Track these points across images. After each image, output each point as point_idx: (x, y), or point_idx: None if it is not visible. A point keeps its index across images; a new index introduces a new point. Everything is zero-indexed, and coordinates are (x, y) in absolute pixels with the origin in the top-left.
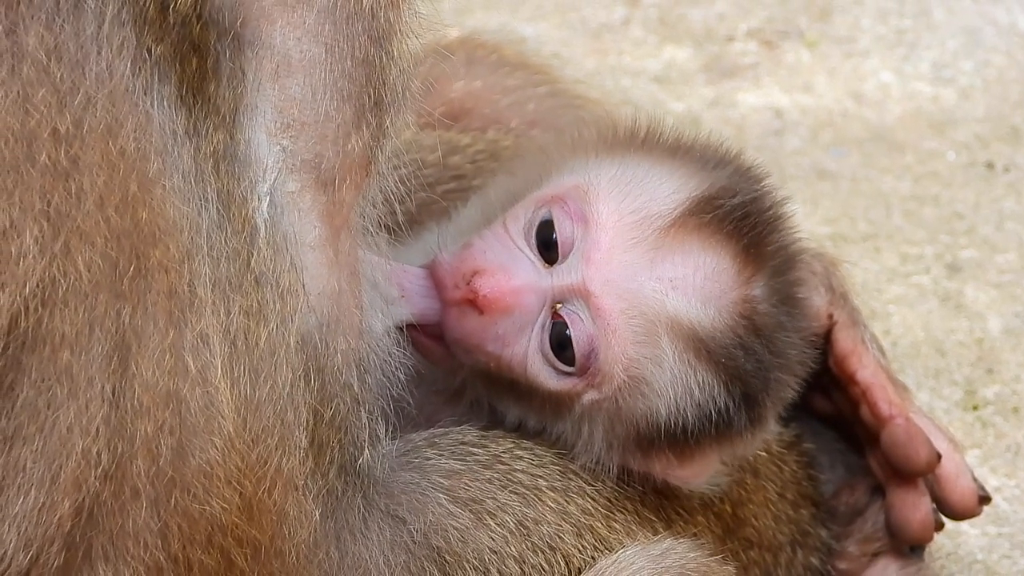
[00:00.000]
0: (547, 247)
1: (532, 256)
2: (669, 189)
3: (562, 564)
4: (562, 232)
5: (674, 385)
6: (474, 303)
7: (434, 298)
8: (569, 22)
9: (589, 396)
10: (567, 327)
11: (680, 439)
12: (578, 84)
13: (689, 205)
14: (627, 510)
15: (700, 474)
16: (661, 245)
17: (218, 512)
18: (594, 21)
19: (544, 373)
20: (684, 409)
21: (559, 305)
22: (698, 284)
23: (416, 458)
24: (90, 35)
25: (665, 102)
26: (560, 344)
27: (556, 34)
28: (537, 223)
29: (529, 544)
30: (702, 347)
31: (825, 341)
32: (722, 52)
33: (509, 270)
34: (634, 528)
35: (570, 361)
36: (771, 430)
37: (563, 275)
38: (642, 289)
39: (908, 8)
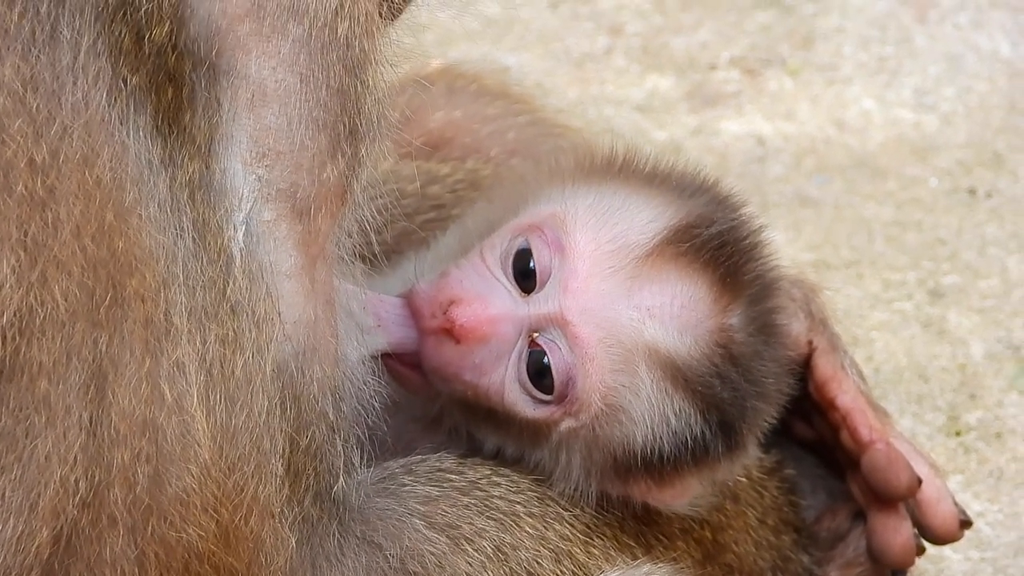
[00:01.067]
0: (524, 276)
1: (509, 285)
2: (646, 218)
3: None
4: (539, 261)
5: (651, 413)
6: (451, 332)
7: (411, 327)
8: (552, 52)
9: (566, 424)
10: (545, 355)
11: (657, 466)
12: (559, 113)
13: (666, 234)
14: (606, 536)
15: (679, 497)
16: (638, 274)
17: (195, 539)
18: (577, 51)
19: (521, 401)
20: (661, 437)
21: (536, 334)
22: (675, 313)
23: (392, 484)
24: (66, 65)
25: (648, 131)
26: (538, 372)
27: (539, 64)
28: (514, 252)
29: (507, 570)
30: (679, 375)
31: (805, 367)
32: (704, 80)
33: (486, 299)
34: (613, 554)
35: (548, 389)
36: (751, 456)
37: (540, 304)
38: (619, 318)
39: (890, 35)
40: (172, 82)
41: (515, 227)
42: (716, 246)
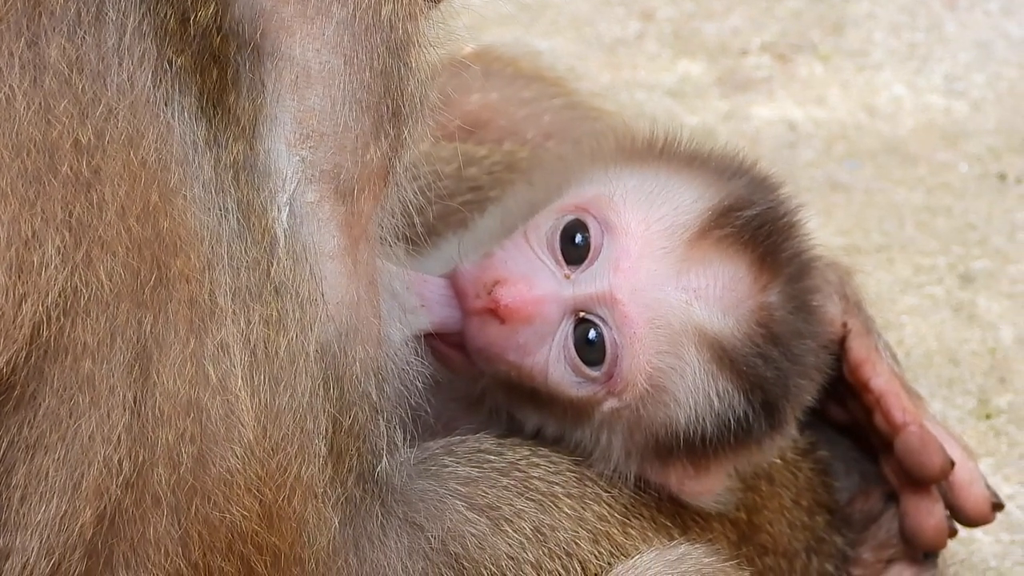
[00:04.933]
0: (572, 250)
1: (553, 266)
2: (690, 199)
3: (579, 570)
4: (593, 236)
5: (695, 395)
6: (496, 312)
7: (454, 307)
8: (584, 37)
9: (609, 404)
10: (593, 326)
11: (698, 448)
12: (593, 96)
13: (711, 216)
14: (643, 516)
15: (713, 488)
16: (687, 256)
17: (238, 520)
18: (608, 36)
19: (565, 381)
20: (704, 418)
21: (582, 314)
22: (718, 294)
23: (433, 465)
24: (111, 47)
25: (680, 116)
26: (587, 341)
27: (571, 48)
28: (561, 228)
29: (546, 550)
30: (724, 357)
31: (839, 349)
32: (736, 66)
33: (530, 280)
34: (650, 534)
35: (597, 360)
36: (788, 436)
37: (587, 283)
38: (668, 299)
39: (920, 22)
40: (217, 63)
41: (560, 207)
42: (755, 227)
